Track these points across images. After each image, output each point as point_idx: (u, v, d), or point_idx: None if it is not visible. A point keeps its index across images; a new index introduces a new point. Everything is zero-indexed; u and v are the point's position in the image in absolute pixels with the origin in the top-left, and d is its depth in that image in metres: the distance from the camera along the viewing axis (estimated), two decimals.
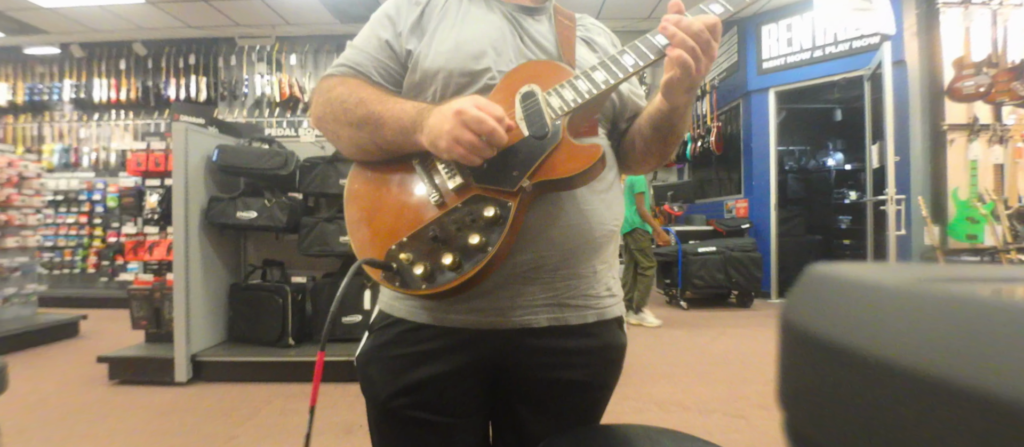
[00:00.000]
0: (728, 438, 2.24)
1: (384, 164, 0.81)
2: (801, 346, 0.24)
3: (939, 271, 0.26)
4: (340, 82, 0.81)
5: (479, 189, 0.72)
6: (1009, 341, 0.17)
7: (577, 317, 0.81)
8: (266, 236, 3.42)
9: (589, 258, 0.81)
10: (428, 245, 0.72)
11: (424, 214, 0.74)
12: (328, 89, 0.82)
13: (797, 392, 0.24)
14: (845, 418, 0.21)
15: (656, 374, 3.10)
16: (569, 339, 0.81)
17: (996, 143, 4.50)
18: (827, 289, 0.24)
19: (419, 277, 0.71)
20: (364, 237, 0.78)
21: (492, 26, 0.84)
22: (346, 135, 0.80)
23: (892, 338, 0.20)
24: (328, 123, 0.81)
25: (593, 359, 0.84)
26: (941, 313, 0.19)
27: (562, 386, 0.83)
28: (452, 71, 0.80)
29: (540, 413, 0.85)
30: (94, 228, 6.25)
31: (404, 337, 0.81)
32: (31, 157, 4.68)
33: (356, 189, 0.82)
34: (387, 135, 0.76)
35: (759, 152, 5.92)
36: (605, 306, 0.84)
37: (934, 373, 0.18)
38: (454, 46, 0.81)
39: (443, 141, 0.68)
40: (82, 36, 6.86)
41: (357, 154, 0.82)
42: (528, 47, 0.85)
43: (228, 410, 2.57)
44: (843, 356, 0.21)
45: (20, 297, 4.20)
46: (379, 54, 0.84)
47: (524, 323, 0.78)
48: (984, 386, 0.16)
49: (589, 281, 0.82)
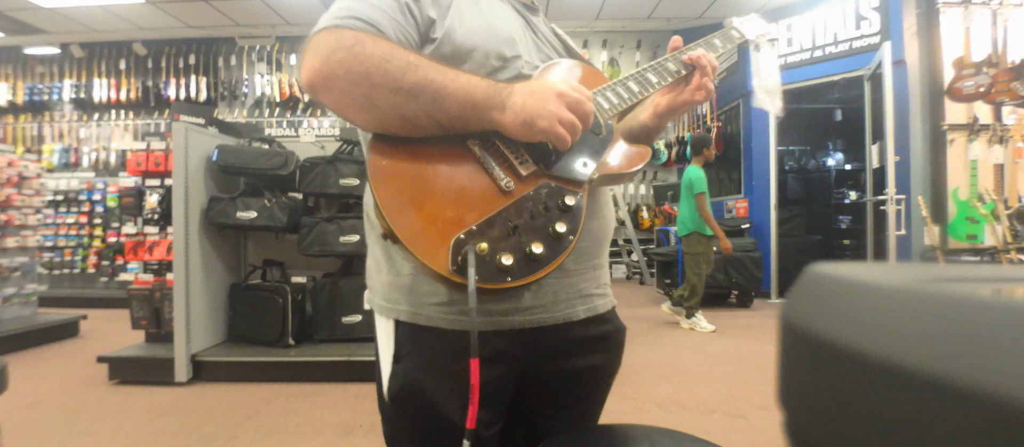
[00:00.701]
0: (728, 438, 2.23)
1: (426, 141, 0.70)
2: (801, 346, 0.24)
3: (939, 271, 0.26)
4: (370, 39, 0.67)
5: (550, 177, 0.71)
6: (1009, 341, 0.17)
7: (603, 305, 0.85)
8: (266, 236, 3.42)
9: (601, 250, 0.85)
10: (506, 233, 0.66)
11: (492, 200, 0.68)
12: (353, 43, 0.66)
13: (797, 392, 0.24)
14: (845, 418, 0.21)
15: (656, 374, 3.10)
16: (596, 327, 0.84)
17: (996, 143, 4.51)
18: (827, 289, 0.24)
19: (506, 268, 0.64)
20: (415, 224, 0.66)
21: (510, 16, 0.84)
22: (387, 102, 0.67)
23: (892, 338, 0.20)
24: (356, 84, 0.66)
25: (611, 343, 0.87)
26: (941, 313, 0.19)
27: (582, 374, 0.85)
28: (489, 51, 0.76)
29: (553, 404, 0.86)
30: (94, 228, 6.26)
31: (450, 349, 0.73)
32: (31, 157, 4.68)
33: (389, 167, 0.69)
34: (449, 108, 0.67)
35: (759, 152, 5.92)
36: (610, 293, 0.89)
37: (934, 373, 0.18)
38: (486, 26, 0.77)
39: (543, 120, 0.66)
40: (82, 36, 6.87)
41: (400, 127, 0.69)
42: (542, 43, 0.86)
43: (228, 410, 2.57)
44: (843, 356, 0.21)
45: (20, 297, 4.21)
46: (397, 15, 0.73)
47: (566, 317, 0.80)
48: (984, 386, 0.16)
49: (604, 271, 0.86)
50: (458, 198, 0.68)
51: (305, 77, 0.67)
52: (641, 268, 7.24)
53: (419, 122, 0.68)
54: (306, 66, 0.67)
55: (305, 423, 2.40)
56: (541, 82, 0.69)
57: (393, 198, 0.67)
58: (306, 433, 2.30)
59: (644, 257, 7.06)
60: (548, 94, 0.67)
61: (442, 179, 0.69)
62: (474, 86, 0.68)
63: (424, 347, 0.74)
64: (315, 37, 0.68)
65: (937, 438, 0.17)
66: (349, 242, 3.08)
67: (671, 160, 7.60)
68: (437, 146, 0.70)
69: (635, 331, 4.21)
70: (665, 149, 7.64)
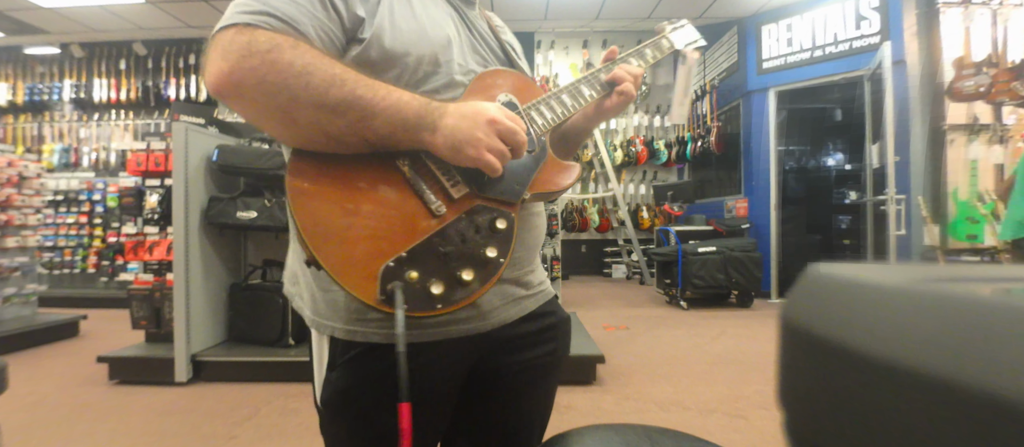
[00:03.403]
0: (728, 438, 2.24)
1: (351, 159, 0.66)
2: (801, 346, 0.24)
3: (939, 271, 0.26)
4: (286, 43, 0.60)
5: (482, 200, 0.70)
6: (1009, 341, 0.17)
7: (534, 302, 0.86)
8: (266, 236, 3.42)
9: (537, 254, 0.90)
10: (436, 260, 0.65)
11: (422, 225, 0.65)
12: (268, 48, 0.59)
13: (797, 392, 0.24)
14: (845, 418, 0.21)
15: (656, 374, 3.10)
16: (532, 323, 0.86)
17: (996, 143, 4.51)
18: (827, 289, 0.24)
19: (436, 297, 0.63)
20: (340, 252, 0.62)
21: (444, 13, 0.79)
22: (308, 118, 0.62)
23: (892, 338, 0.20)
24: (272, 95, 0.60)
25: (557, 332, 0.90)
26: (941, 313, 0.19)
27: (534, 362, 0.87)
28: (421, 56, 0.71)
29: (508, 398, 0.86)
30: (94, 228, 6.26)
31: (383, 367, 0.70)
32: (31, 157, 4.68)
33: (311, 189, 0.63)
34: (378, 128, 0.63)
35: (759, 152, 5.92)
36: (546, 288, 0.91)
37: (934, 373, 0.18)
38: (419, 29, 0.72)
39: (471, 149, 0.64)
40: (82, 36, 6.87)
41: (324, 144, 0.64)
42: (478, 43, 0.84)
43: (228, 410, 2.57)
44: (843, 356, 0.21)
45: (20, 297, 4.21)
46: (319, 11, 0.66)
47: (500, 321, 0.81)
48: (984, 386, 0.16)
49: (537, 273, 0.89)
50: (386, 223, 0.64)
51: (210, 81, 0.60)
52: (641, 268, 7.24)
53: (345, 139, 0.64)
54: (212, 70, 0.60)
55: (305, 423, 2.40)
56: (474, 106, 0.66)
57: (317, 224, 0.62)
58: (306, 433, 2.30)
59: (644, 257, 7.06)
60: (479, 120, 0.65)
61: (369, 202, 0.65)
62: (405, 105, 0.64)
63: (358, 360, 0.72)
64: (222, 34, 0.61)
65: (937, 438, 0.17)
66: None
67: (671, 160, 7.61)
68: (364, 165, 0.66)
69: (635, 331, 4.21)
70: (665, 149, 7.64)
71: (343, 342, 0.72)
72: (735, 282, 5.27)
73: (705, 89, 7.01)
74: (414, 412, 0.61)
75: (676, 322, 4.65)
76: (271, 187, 3.21)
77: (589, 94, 0.85)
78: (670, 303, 5.60)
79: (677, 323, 4.62)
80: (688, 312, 5.17)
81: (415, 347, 0.68)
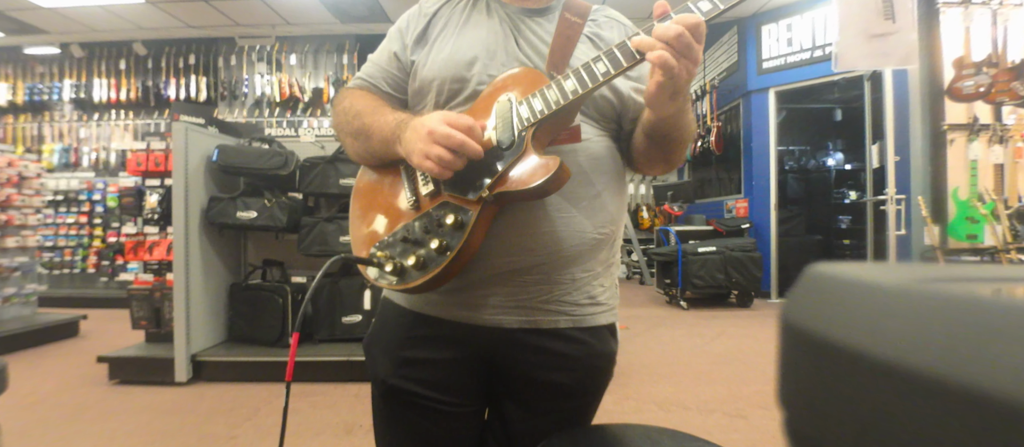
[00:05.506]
0: (728, 438, 2.24)
1: (381, 167, 0.89)
2: (801, 346, 0.24)
3: (939, 271, 0.26)
4: (350, 94, 0.91)
5: (447, 196, 0.77)
6: (1009, 341, 0.17)
7: (548, 321, 0.83)
8: (266, 236, 3.42)
9: (566, 266, 0.82)
10: (401, 245, 0.79)
11: (402, 216, 0.82)
12: (339, 101, 0.92)
13: (797, 392, 0.24)
14: (845, 418, 0.21)
15: (656, 374, 3.10)
16: (546, 341, 0.83)
17: (996, 143, 4.50)
18: (827, 289, 0.24)
19: (390, 274, 0.78)
20: (357, 233, 0.89)
21: (488, 31, 0.87)
22: (349, 144, 0.90)
23: (892, 338, 0.20)
24: (338, 133, 0.92)
25: (577, 364, 0.85)
26: (941, 313, 0.19)
27: (546, 387, 0.85)
28: (445, 78, 0.85)
29: (526, 410, 0.88)
30: (94, 228, 6.26)
31: (401, 321, 0.88)
32: (31, 157, 4.68)
33: (359, 187, 0.92)
34: (374, 146, 0.84)
35: (759, 152, 5.92)
36: (584, 314, 0.85)
37: (934, 373, 0.18)
38: (449, 55, 0.86)
39: (415, 156, 0.74)
40: (82, 36, 6.86)
41: (364, 159, 0.91)
42: (523, 50, 0.85)
43: (228, 410, 2.57)
44: (843, 356, 0.21)
45: (20, 297, 4.21)
46: (389, 66, 0.92)
47: (495, 322, 0.82)
48: (984, 386, 0.16)
49: (565, 288, 0.83)
50: (384, 214, 0.85)
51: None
52: (641, 268, 7.24)
53: (364, 157, 0.89)
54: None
55: (305, 423, 2.40)
56: (422, 119, 0.75)
57: (354, 212, 0.91)
58: (306, 433, 2.30)
59: (644, 257, 7.06)
60: (421, 131, 0.73)
61: (381, 199, 0.87)
62: (386, 124, 0.81)
63: (382, 313, 0.94)
64: (336, 95, 0.96)
65: (937, 438, 0.17)
66: (350, 242, 3.08)
67: None
68: (386, 171, 0.88)
69: (635, 331, 4.21)
70: None
71: (384, 300, 0.95)
72: (735, 282, 5.27)
73: (705, 89, 7.01)
74: (436, 372, 0.85)
75: (676, 322, 4.65)
76: (271, 187, 3.21)
77: (604, 71, 0.71)
78: (670, 303, 5.60)
79: (677, 323, 4.62)
80: (688, 312, 5.17)
81: (432, 318, 0.85)
